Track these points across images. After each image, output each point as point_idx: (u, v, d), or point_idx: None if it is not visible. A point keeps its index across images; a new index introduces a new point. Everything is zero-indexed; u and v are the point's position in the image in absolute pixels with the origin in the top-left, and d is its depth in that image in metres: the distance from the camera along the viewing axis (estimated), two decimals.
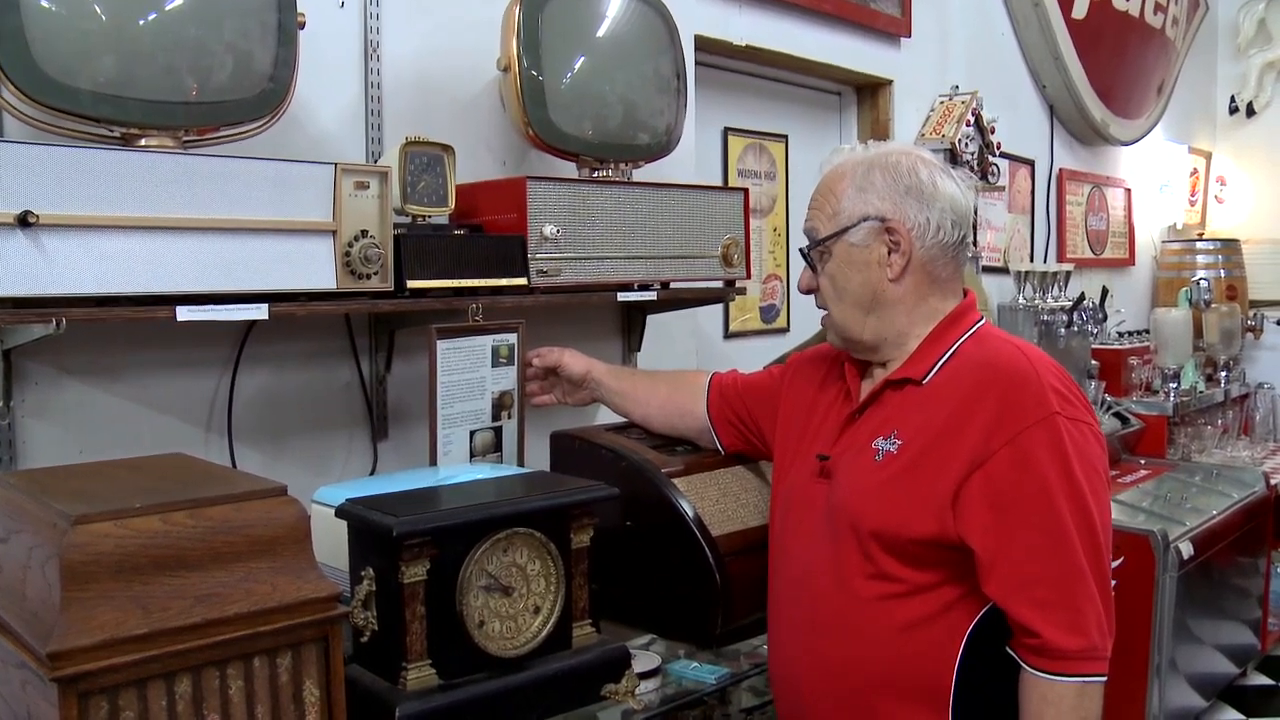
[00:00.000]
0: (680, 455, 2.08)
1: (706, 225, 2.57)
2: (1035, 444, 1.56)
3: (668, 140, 2.61)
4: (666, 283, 2.56)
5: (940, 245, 1.72)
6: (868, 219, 1.71)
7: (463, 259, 2.13)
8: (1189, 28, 5.88)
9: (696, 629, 1.94)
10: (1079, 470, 1.56)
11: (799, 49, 3.48)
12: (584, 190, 2.33)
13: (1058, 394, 1.60)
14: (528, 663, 1.63)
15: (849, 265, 1.74)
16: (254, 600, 1.33)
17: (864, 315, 1.74)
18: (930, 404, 1.68)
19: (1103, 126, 5.12)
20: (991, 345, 1.71)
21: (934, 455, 1.63)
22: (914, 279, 1.73)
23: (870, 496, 1.67)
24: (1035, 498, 1.56)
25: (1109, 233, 5.48)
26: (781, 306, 3.66)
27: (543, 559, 1.64)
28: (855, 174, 1.73)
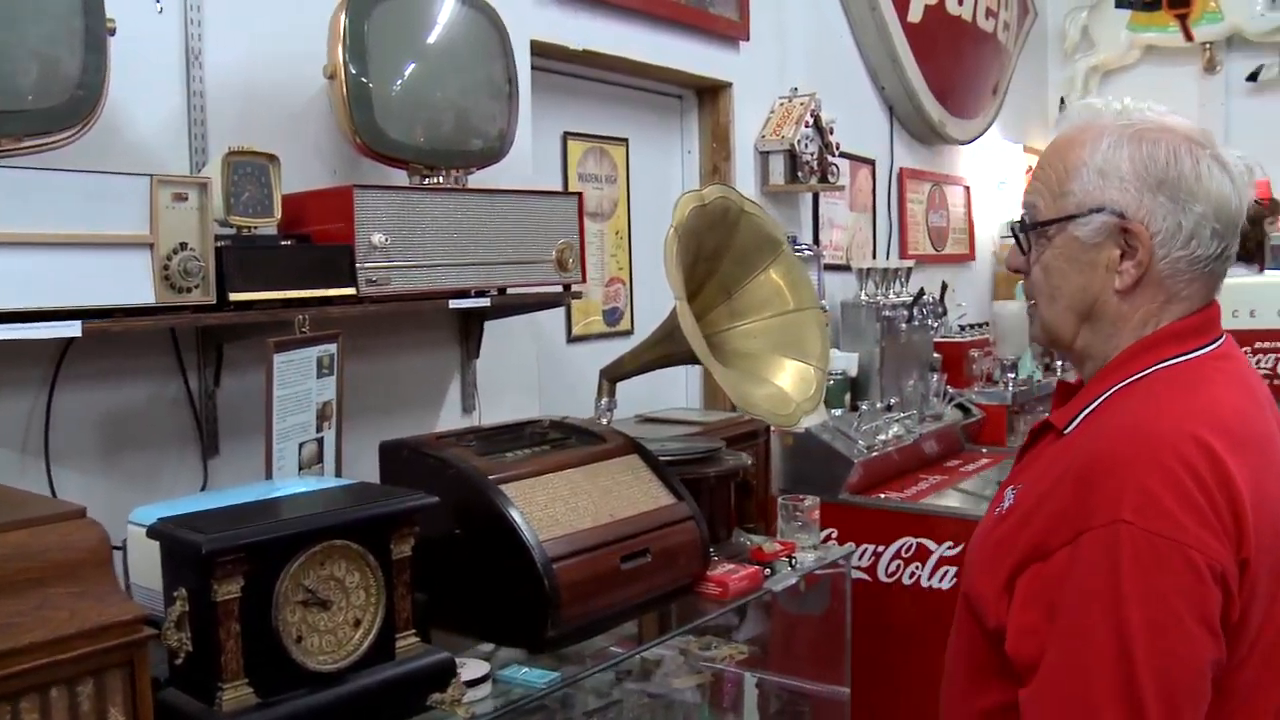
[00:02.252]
0: (510, 461, 2.09)
1: (541, 230, 2.58)
2: (1088, 552, 1.23)
3: (501, 145, 2.61)
4: (503, 288, 2.56)
5: (1189, 259, 1.36)
6: (1102, 210, 1.37)
7: (288, 270, 2.10)
8: (1019, 32, 6.09)
9: (528, 634, 1.94)
10: (1134, 599, 1.19)
11: (638, 53, 3.51)
12: (413, 198, 2.32)
13: (1144, 494, 1.22)
14: (349, 676, 1.62)
15: (1069, 261, 1.41)
16: (52, 628, 1.28)
17: (1077, 322, 1.43)
18: (1053, 464, 1.36)
19: (940, 126, 5.27)
20: (1135, 400, 1.36)
21: (1022, 530, 1.33)
22: (1147, 293, 1.38)
23: (976, 554, 1.42)
24: (1072, 616, 1.23)
25: (950, 229, 5.64)
26: (625, 309, 3.69)
27: (362, 571, 1.63)
28: (1098, 147, 1.38)
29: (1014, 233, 1.50)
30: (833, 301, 4.36)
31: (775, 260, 2.54)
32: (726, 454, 2.55)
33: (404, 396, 2.74)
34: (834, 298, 4.38)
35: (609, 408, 2.56)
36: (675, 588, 2.18)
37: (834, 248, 4.55)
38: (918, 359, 4.46)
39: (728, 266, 2.50)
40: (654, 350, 2.47)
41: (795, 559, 2.47)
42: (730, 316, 2.53)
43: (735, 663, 2.88)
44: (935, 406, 4.39)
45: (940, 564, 3.62)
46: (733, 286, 2.52)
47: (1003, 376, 4.89)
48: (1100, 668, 1.20)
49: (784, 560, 2.45)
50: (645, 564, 2.06)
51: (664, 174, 3.90)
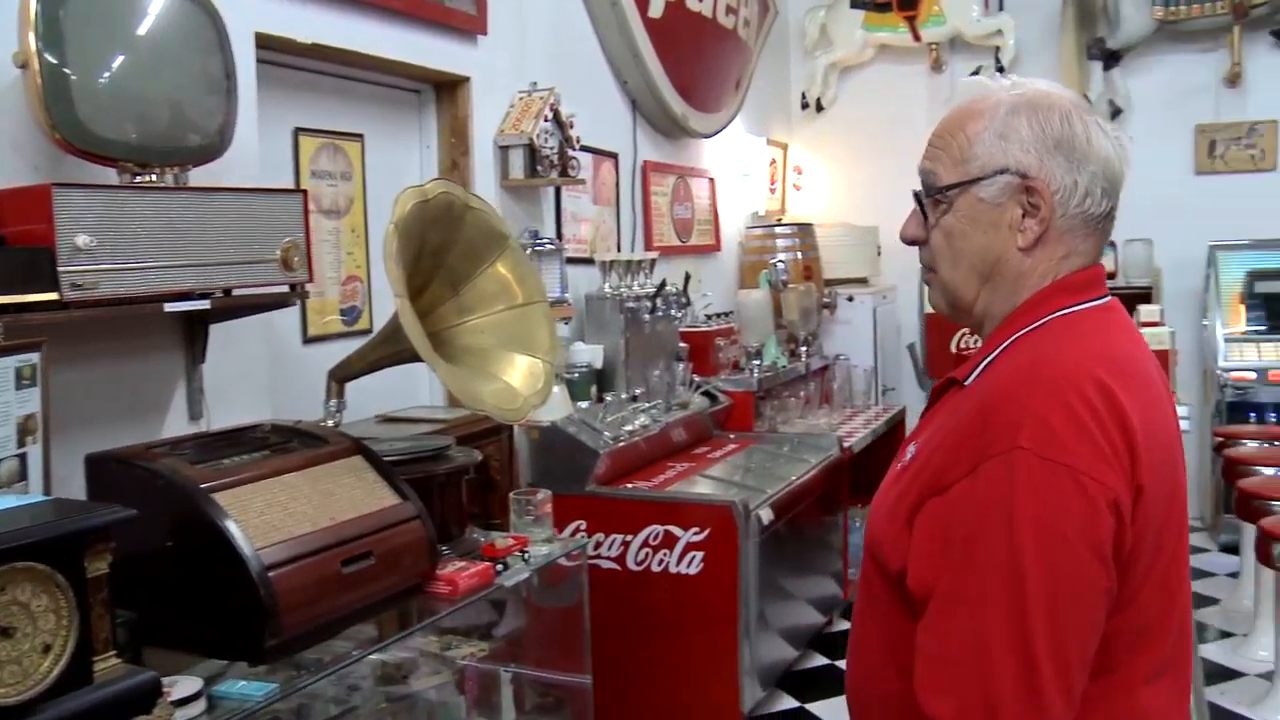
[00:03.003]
0: (226, 469, 2.03)
1: (264, 229, 2.50)
2: (985, 480, 1.28)
3: (221, 141, 2.52)
4: (228, 290, 2.48)
5: (1084, 215, 1.43)
6: (1005, 172, 1.42)
7: None
8: (760, 29, 6.27)
9: (247, 645, 1.89)
10: (1024, 520, 1.24)
11: (371, 47, 3.45)
12: (123, 197, 2.21)
13: (1040, 423, 1.27)
14: (39, 707, 1.53)
15: (973, 223, 1.45)
16: None
17: (979, 283, 1.48)
18: (955, 411, 1.42)
19: (683, 120, 5.38)
20: (1036, 345, 1.41)
21: (921, 472, 1.39)
22: (1046, 251, 1.44)
23: (879, 508, 1.47)
24: (963, 543, 1.28)
25: (695, 221, 5.77)
26: (364, 308, 3.63)
27: (50, 593, 1.54)
28: (996, 115, 1.44)
29: (916, 200, 1.51)
30: (577, 295, 4.40)
31: (502, 255, 2.55)
32: (456, 451, 2.54)
33: (125, 406, 2.62)
34: (578, 291, 4.42)
35: (338, 409, 2.51)
36: (402, 589, 2.17)
37: (578, 241, 4.58)
38: (663, 349, 4.55)
39: (454, 262, 2.49)
40: (380, 349, 2.45)
41: (528, 553, 2.48)
42: (458, 312, 2.52)
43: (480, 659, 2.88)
44: (682, 395, 4.49)
45: (688, 549, 3.72)
46: (459, 282, 2.51)
47: (748, 363, 5.04)
48: (992, 591, 1.24)
49: (517, 555, 2.46)
50: (369, 566, 2.03)
51: (402, 170, 3.85)
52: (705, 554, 3.70)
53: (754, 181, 6.47)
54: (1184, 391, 4.00)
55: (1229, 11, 6.18)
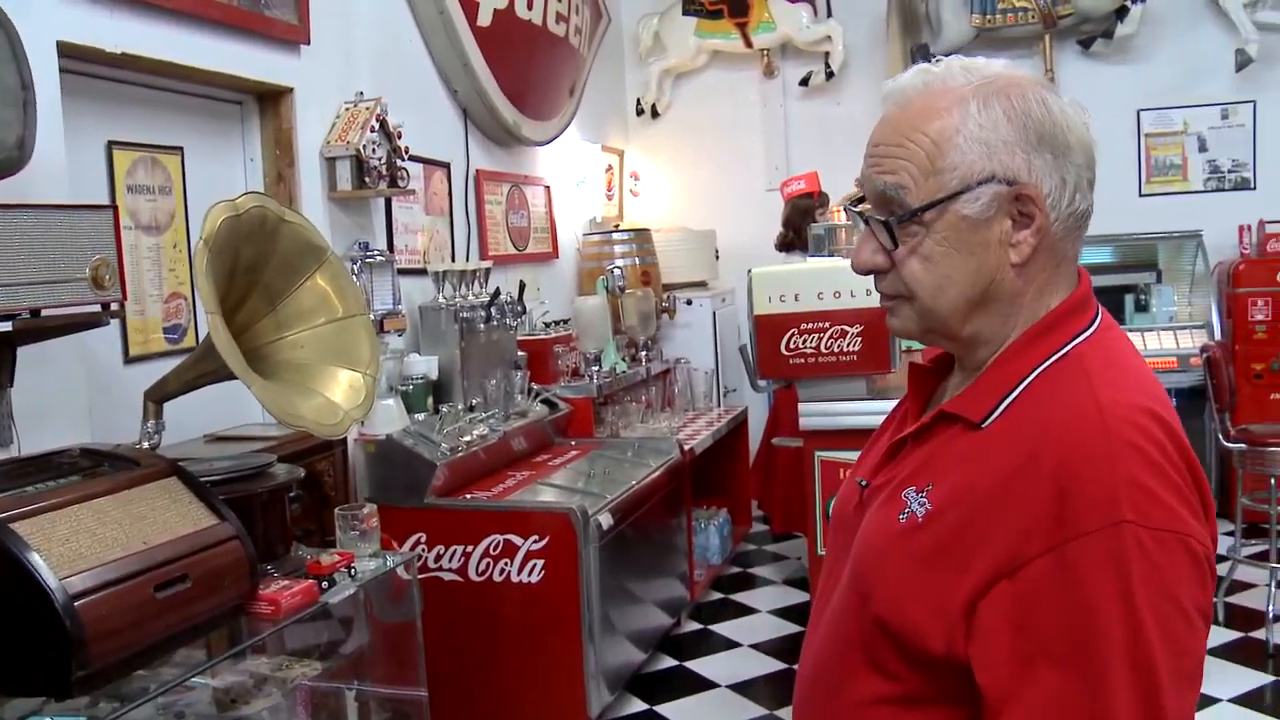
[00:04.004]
0: (29, 496, 1.96)
1: (71, 247, 2.42)
2: (1088, 562, 1.09)
3: (21, 155, 2.43)
4: (36, 310, 2.39)
5: (1075, 215, 1.24)
6: (992, 180, 1.21)
7: None
8: (593, 36, 6.31)
9: (51, 680, 1.82)
10: (1147, 604, 1.08)
11: (186, 57, 3.36)
12: None
13: (1138, 489, 1.10)
14: None
15: (958, 245, 1.23)
16: None
17: (969, 309, 1.26)
18: (980, 464, 1.20)
19: (515, 128, 5.38)
20: (1073, 387, 1.21)
21: (962, 543, 1.17)
22: (1042, 261, 1.25)
23: (885, 572, 1.25)
24: (1074, 633, 1.09)
25: (531, 229, 5.77)
26: (188, 325, 3.53)
27: None
28: (966, 110, 1.21)
29: (884, 226, 1.26)
30: (411, 306, 4.36)
31: (320, 267, 2.52)
32: (278, 468, 2.50)
33: None
34: (412, 302, 4.38)
35: (156, 430, 2.45)
36: (222, 611, 2.12)
37: (410, 253, 4.54)
38: (501, 358, 4.54)
39: (270, 277, 2.45)
40: (196, 368, 2.39)
41: (354, 568, 2.45)
42: (276, 328, 2.48)
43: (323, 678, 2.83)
44: (521, 404, 4.50)
45: (528, 558, 3.72)
46: (276, 297, 2.47)
47: (588, 370, 5.07)
48: (1117, 682, 1.07)
49: (344, 571, 2.44)
50: (184, 590, 1.98)
51: (226, 183, 3.75)
52: (546, 561, 3.71)
53: (590, 188, 6.50)
54: None
55: (1039, 21, 6.47)
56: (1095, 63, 6.65)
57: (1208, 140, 6.63)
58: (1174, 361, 5.99)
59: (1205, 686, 3.02)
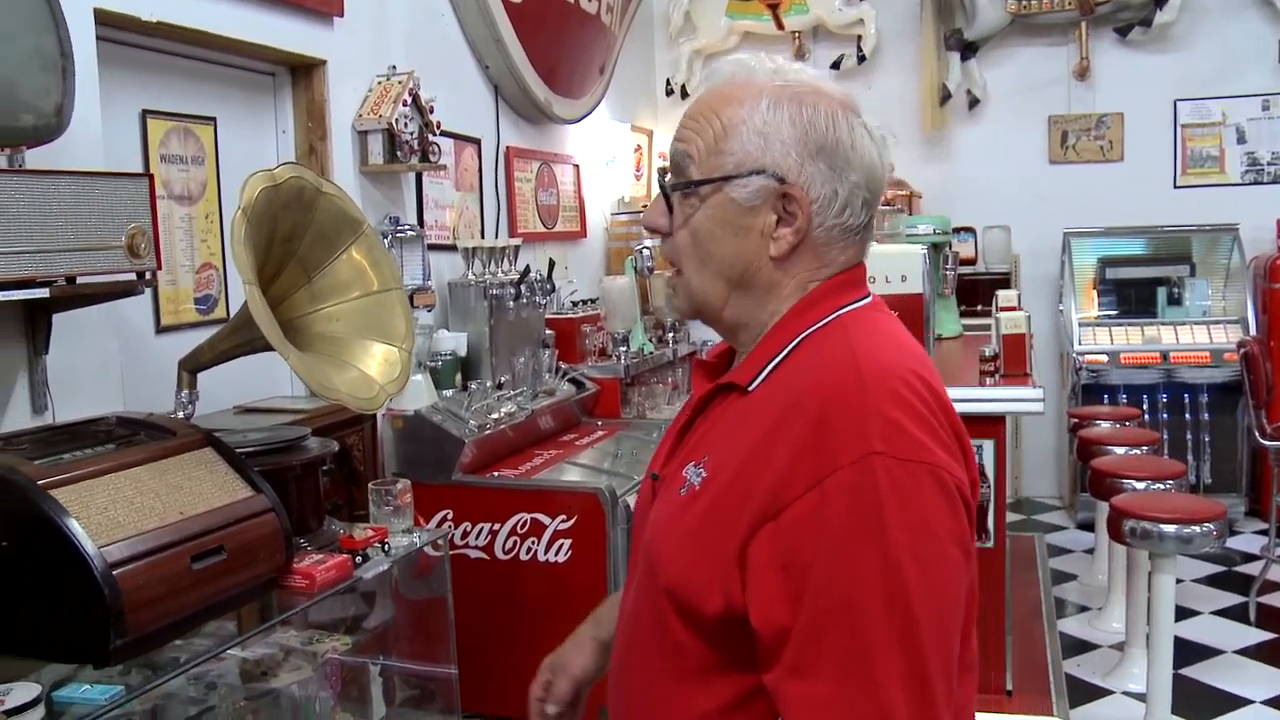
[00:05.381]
0: (66, 464, 1.94)
1: (108, 214, 2.41)
2: (842, 494, 1.14)
3: (58, 122, 2.42)
4: (72, 278, 2.38)
5: (842, 227, 1.31)
6: (762, 173, 1.29)
7: None
8: (624, 15, 6.26)
9: (90, 648, 1.81)
10: (897, 528, 1.13)
11: (221, 27, 3.33)
12: None
13: (889, 424, 1.17)
14: None
15: (722, 225, 1.32)
16: None
17: (727, 290, 1.35)
18: (746, 423, 1.28)
19: (546, 106, 5.34)
20: (833, 343, 1.28)
21: (732, 497, 1.22)
22: (802, 261, 1.32)
23: (669, 543, 1.29)
24: (830, 561, 1.14)
25: (560, 207, 5.74)
26: (219, 296, 3.52)
27: None
28: (757, 105, 1.30)
29: (661, 188, 1.37)
30: (440, 282, 4.34)
31: (356, 241, 2.49)
32: (312, 442, 2.48)
33: None
34: (441, 278, 4.36)
35: (189, 400, 2.44)
36: (257, 583, 2.11)
37: (440, 228, 4.52)
38: (529, 336, 4.52)
39: (306, 249, 2.43)
40: (231, 338, 2.38)
41: (388, 544, 2.44)
42: (311, 300, 2.46)
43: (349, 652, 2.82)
44: (548, 382, 4.47)
45: (556, 537, 3.69)
46: (313, 269, 2.45)
47: (615, 350, 5.03)
48: (874, 613, 1.12)
49: (377, 546, 2.42)
50: (220, 561, 1.97)
51: (258, 154, 3.73)
52: (573, 541, 3.68)
53: (619, 168, 6.46)
54: (1039, 374, 4.14)
55: (1076, 8, 6.39)
56: (1132, 51, 6.57)
57: (1246, 132, 6.54)
58: (1207, 356, 5.94)
59: (1237, 687, 2.99)
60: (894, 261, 3.87)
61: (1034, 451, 6.70)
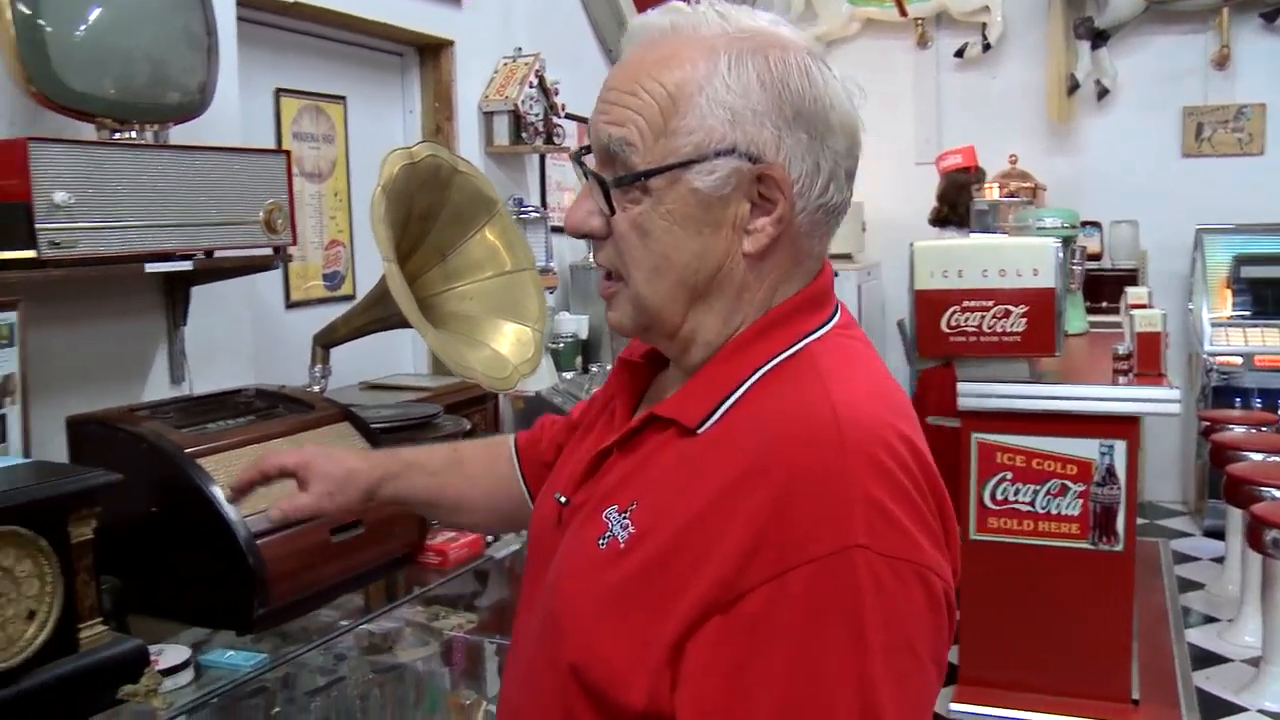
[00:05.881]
0: (211, 433, 1.97)
1: (247, 190, 2.44)
2: (813, 592, 0.92)
3: (202, 99, 2.45)
4: (210, 251, 2.42)
5: (826, 208, 1.06)
6: (733, 153, 1.02)
7: None
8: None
9: (234, 615, 1.84)
10: (877, 646, 0.92)
11: (353, 7, 3.36)
12: (103, 153, 2.14)
13: (873, 508, 0.94)
14: (23, 674, 1.48)
15: (683, 220, 1.04)
16: None
17: (689, 300, 1.07)
18: (691, 475, 1.01)
19: None
20: (803, 387, 1.02)
21: (668, 572, 0.97)
22: (779, 255, 1.07)
23: (580, 609, 1.04)
24: (796, 682, 0.91)
25: None
26: (346, 273, 3.56)
27: (34, 558, 1.49)
28: (714, 65, 1.02)
29: (600, 186, 1.06)
30: (562, 264, 4.34)
31: (491, 220, 2.49)
32: (445, 419, 2.49)
33: (105, 368, 2.55)
34: (563, 260, 4.36)
35: (323, 374, 2.45)
36: (392, 559, 2.12)
37: (562, 210, 4.52)
38: None
39: (441, 227, 2.43)
40: (366, 314, 2.39)
41: None
42: (445, 279, 2.46)
43: (468, 630, 2.83)
44: None
45: None
46: (447, 248, 2.45)
47: None
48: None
49: None
50: (358, 536, 1.98)
51: (385, 134, 3.77)
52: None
53: None
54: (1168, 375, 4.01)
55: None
56: (1278, 39, 6.31)
57: None
58: None
59: None
60: (1024, 255, 3.76)
61: (1157, 454, 6.49)
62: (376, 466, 1.45)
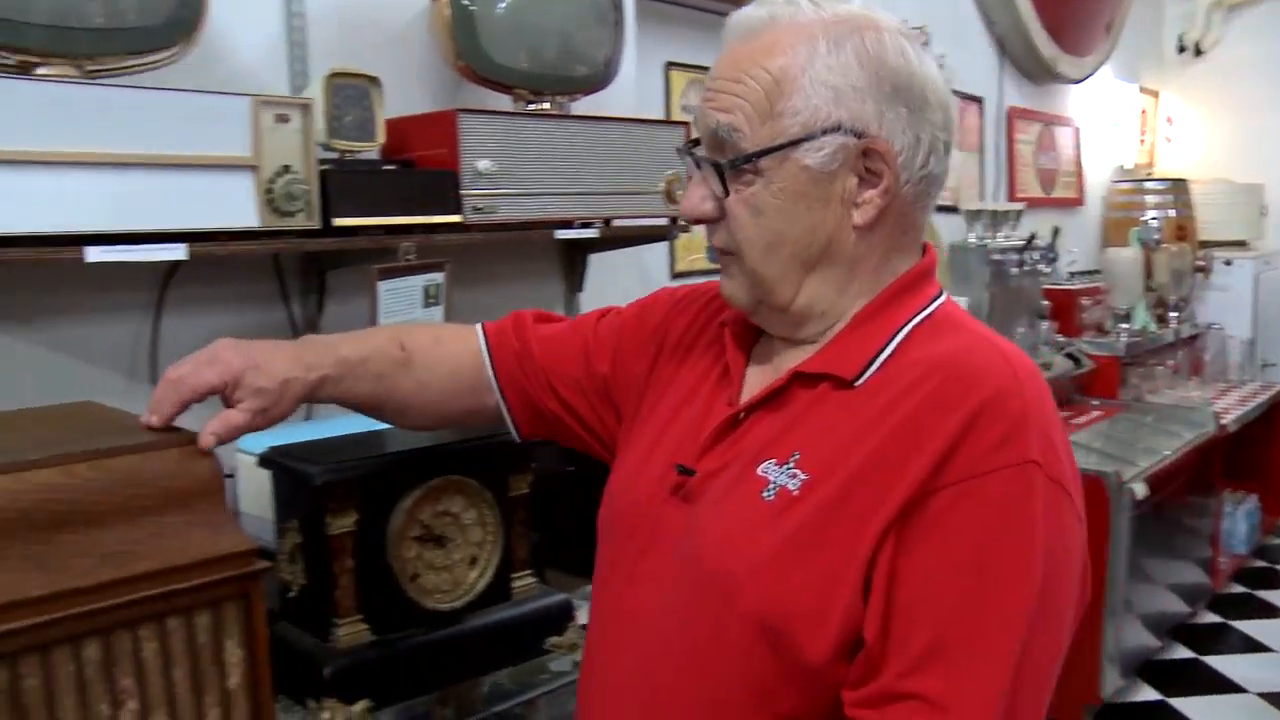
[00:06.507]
0: None
1: (648, 161, 2.48)
2: (993, 493, 0.99)
3: (606, 72, 2.51)
4: (609, 220, 2.48)
5: (927, 179, 1.12)
6: (838, 130, 1.07)
7: (393, 196, 2.02)
8: None
9: None
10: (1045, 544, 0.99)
11: None
12: (519, 123, 2.23)
13: (1044, 437, 1.02)
14: (465, 616, 1.55)
15: (794, 197, 1.09)
16: (166, 557, 1.19)
17: (803, 273, 1.12)
18: (864, 418, 1.06)
19: (1052, 64, 5.06)
20: (961, 340, 1.10)
21: (855, 502, 1.02)
22: (887, 227, 1.12)
23: (755, 557, 1.05)
24: (969, 569, 0.99)
25: (1059, 172, 5.43)
26: None
27: (478, 507, 1.55)
28: (814, 49, 1.08)
29: (715, 170, 1.11)
30: (938, 243, 4.21)
31: None
32: None
33: None
34: (939, 239, 4.23)
35: None
36: None
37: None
38: (1027, 305, 4.29)
39: None
40: None
41: None
42: None
43: None
44: (1044, 355, 4.23)
45: None
46: None
47: (1115, 326, 4.71)
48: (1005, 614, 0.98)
49: None
50: None
51: None
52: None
53: (1122, 132, 6.03)
54: None
55: None
56: None
57: None
58: None
59: None
60: None
61: None
62: (312, 370, 1.35)
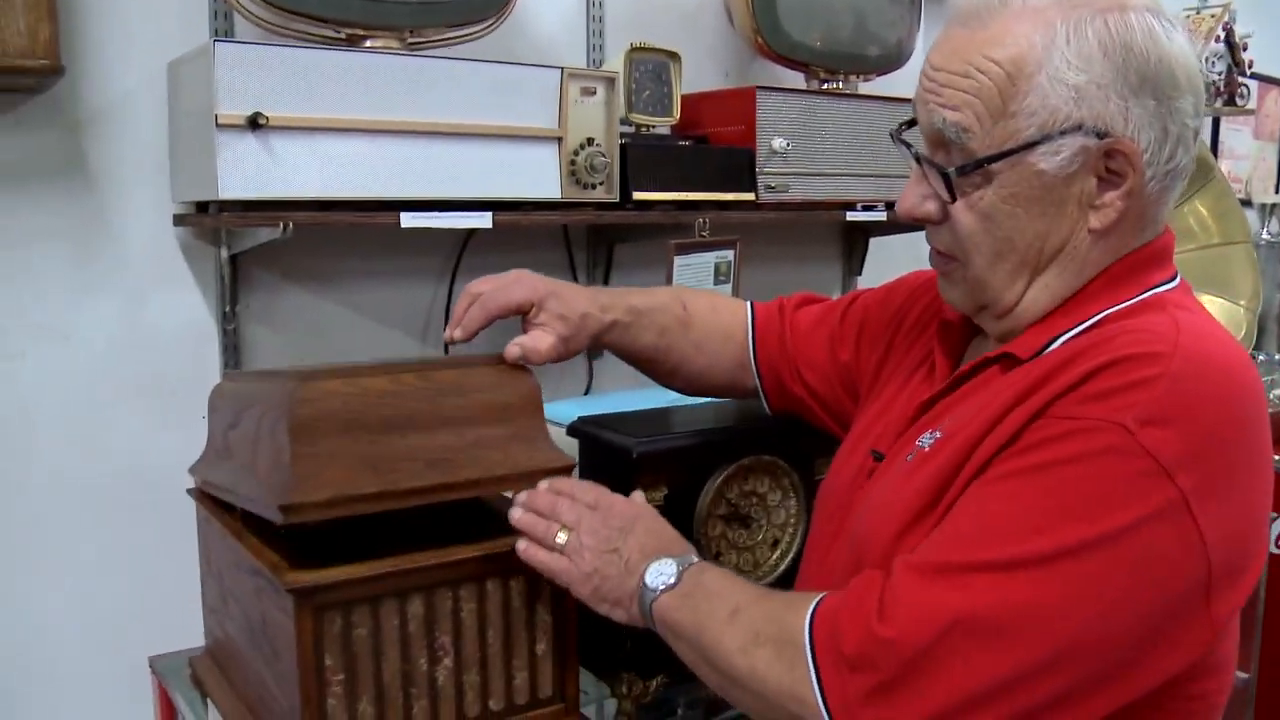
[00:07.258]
0: None
1: None
2: (1081, 440, 0.91)
3: (899, 54, 2.46)
4: (892, 203, 2.43)
5: (1173, 172, 1.00)
6: (1079, 130, 0.97)
7: (689, 172, 2.05)
8: None
9: None
10: (1083, 520, 0.89)
11: None
12: (814, 102, 2.23)
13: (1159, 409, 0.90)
14: None
15: (1025, 202, 1.01)
16: (486, 466, 1.21)
17: (1029, 277, 1.05)
18: (1013, 388, 1.00)
19: None
20: (1144, 318, 0.99)
21: (980, 455, 0.99)
22: (1125, 227, 1.02)
23: (888, 521, 1.04)
24: (1005, 498, 0.93)
25: None
26: None
27: (783, 489, 1.54)
28: (1055, 39, 0.97)
29: (941, 175, 1.03)
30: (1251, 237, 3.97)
31: (1203, 188, 2.28)
32: None
33: None
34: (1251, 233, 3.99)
35: None
36: None
37: (1233, 179, 4.11)
38: None
39: None
40: None
41: None
42: None
43: None
44: None
45: None
46: None
47: None
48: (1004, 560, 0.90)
49: None
50: None
51: None
52: None
53: None
54: None
55: None
56: None
57: None
58: None
59: None
60: None
61: None
62: (607, 311, 1.37)
